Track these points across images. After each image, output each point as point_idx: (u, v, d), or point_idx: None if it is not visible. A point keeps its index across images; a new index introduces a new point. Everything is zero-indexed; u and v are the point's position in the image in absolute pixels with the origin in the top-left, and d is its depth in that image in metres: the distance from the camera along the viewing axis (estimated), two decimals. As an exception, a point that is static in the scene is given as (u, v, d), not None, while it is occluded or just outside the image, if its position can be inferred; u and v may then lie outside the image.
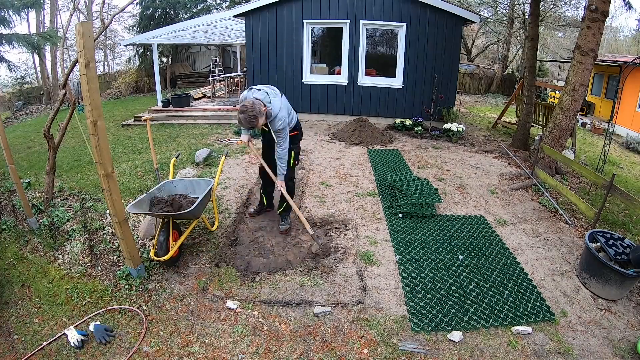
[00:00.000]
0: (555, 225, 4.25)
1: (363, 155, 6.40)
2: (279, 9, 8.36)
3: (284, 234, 3.88)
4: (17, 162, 4.69)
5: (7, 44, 10.65)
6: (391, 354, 2.45)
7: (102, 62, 27.56)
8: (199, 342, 2.55)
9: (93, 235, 3.72)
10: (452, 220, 4.22)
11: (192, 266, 3.33)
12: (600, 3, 5.03)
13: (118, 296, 2.97)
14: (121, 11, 6.24)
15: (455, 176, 5.57)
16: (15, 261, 3.52)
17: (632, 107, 11.25)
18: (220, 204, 4.47)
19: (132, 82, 18.50)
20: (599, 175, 4.16)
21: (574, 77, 5.37)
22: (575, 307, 2.97)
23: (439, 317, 2.76)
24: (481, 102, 15.69)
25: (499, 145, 7.47)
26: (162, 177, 4.54)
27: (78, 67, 2.63)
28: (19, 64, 15.76)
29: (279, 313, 2.80)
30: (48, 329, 2.68)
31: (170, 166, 3.89)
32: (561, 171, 6.16)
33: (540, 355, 2.49)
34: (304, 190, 4.90)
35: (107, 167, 2.72)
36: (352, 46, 8.43)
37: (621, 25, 29.81)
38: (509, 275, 3.28)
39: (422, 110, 8.45)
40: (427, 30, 8.09)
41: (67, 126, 4.33)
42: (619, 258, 3.09)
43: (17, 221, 4.15)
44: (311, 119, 9.10)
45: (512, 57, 22.06)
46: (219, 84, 13.99)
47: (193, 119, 9.59)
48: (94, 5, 21.43)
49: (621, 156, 8.93)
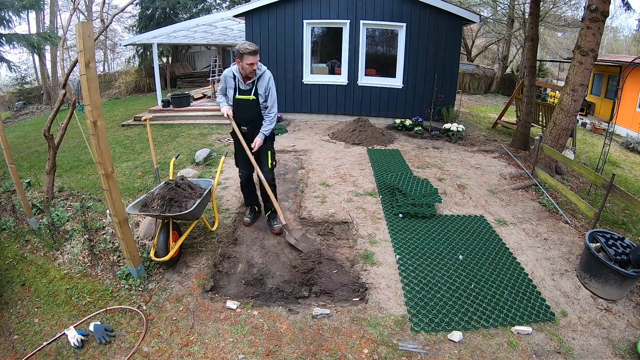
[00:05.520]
0: (555, 225, 4.25)
1: (363, 155, 6.40)
2: (279, 9, 8.36)
3: (279, 233, 3.83)
4: (17, 162, 4.69)
5: (7, 44, 10.66)
6: (391, 354, 2.45)
7: (102, 62, 27.58)
8: (199, 342, 2.55)
9: (93, 235, 3.73)
10: (452, 220, 4.22)
11: (192, 266, 3.33)
12: (600, 3, 5.03)
13: (118, 296, 2.97)
14: (121, 11, 6.24)
15: (455, 176, 5.57)
16: (15, 261, 3.52)
17: (632, 107, 11.25)
18: (220, 204, 4.47)
19: (132, 82, 18.51)
20: (599, 175, 4.16)
21: (574, 77, 5.36)
22: (575, 307, 2.97)
23: (439, 317, 2.76)
24: (481, 102, 15.69)
25: (499, 145, 7.47)
26: (162, 177, 4.54)
27: (78, 67, 2.63)
28: (19, 64, 15.75)
29: (279, 313, 2.80)
30: (48, 329, 2.68)
31: (170, 166, 3.89)
32: (561, 171, 6.16)
33: (540, 355, 2.49)
34: (304, 190, 4.90)
35: (107, 167, 2.72)
36: (352, 46, 8.43)
37: (621, 25, 29.80)
38: (509, 275, 3.28)
39: (422, 110, 8.45)
40: (427, 30, 8.08)
41: (67, 126, 4.33)
42: (619, 258, 3.09)
43: (17, 221, 4.15)
44: (311, 119, 9.10)
45: (512, 57, 22.06)
46: (218, 84, 13.99)
47: (193, 119, 9.59)
48: (94, 5, 21.44)
49: (621, 156, 8.93)
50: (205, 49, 21.34)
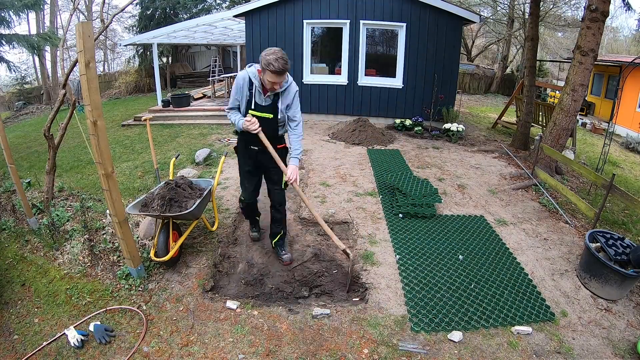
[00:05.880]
0: (555, 225, 4.25)
1: (363, 155, 6.40)
2: (279, 9, 8.36)
3: (289, 264, 3.36)
4: (17, 162, 4.68)
5: (7, 44, 10.67)
6: (391, 354, 2.45)
7: (102, 62, 27.58)
8: (199, 342, 2.55)
9: (93, 235, 3.72)
10: (452, 220, 4.22)
11: (192, 266, 3.33)
12: (600, 3, 5.03)
13: (118, 296, 2.97)
14: (121, 11, 6.24)
15: (455, 176, 5.57)
16: (15, 261, 3.51)
17: (632, 107, 11.25)
18: (220, 204, 4.47)
19: (132, 82, 18.52)
20: (599, 175, 4.16)
21: (574, 77, 5.36)
22: (575, 307, 2.97)
23: (439, 317, 2.76)
24: (481, 102, 15.69)
25: (499, 145, 7.47)
26: (162, 177, 4.54)
27: (78, 67, 2.63)
28: (19, 64, 15.76)
29: (279, 313, 2.80)
30: (48, 329, 2.68)
31: (170, 166, 3.89)
32: (561, 171, 6.16)
33: (540, 355, 2.49)
34: (304, 190, 4.90)
35: (107, 167, 2.72)
36: (352, 46, 8.43)
37: (621, 25, 29.81)
38: (509, 275, 3.28)
39: (422, 110, 8.45)
40: (427, 30, 8.09)
41: (67, 126, 4.33)
42: (619, 258, 3.09)
43: (17, 221, 4.15)
44: (311, 119, 9.10)
45: (512, 57, 22.07)
46: (218, 84, 14.00)
47: (193, 119, 9.59)
48: (94, 5, 21.44)
49: (621, 156, 8.93)
50: (205, 49, 21.35)
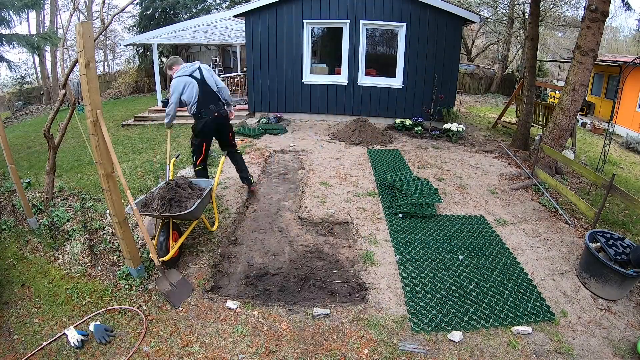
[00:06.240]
0: (555, 225, 4.25)
1: (363, 155, 6.40)
2: (279, 9, 8.36)
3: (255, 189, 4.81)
4: (17, 162, 4.69)
5: (7, 44, 10.67)
6: (391, 354, 2.45)
7: (102, 62, 27.59)
8: (199, 342, 2.55)
9: (93, 235, 3.72)
10: (452, 220, 4.22)
11: (192, 266, 3.33)
12: (600, 3, 5.03)
13: (118, 296, 2.97)
14: (121, 11, 6.24)
15: (455, 176, 5.57)
16: (15, 261, 3.51)
17: (632, 107, 11.24)
18: (220, 204, 4.47)
19: (132, 82, 18.51)
20: (599, 175, 4.16)
21: (574, 77, 5.36)
22: (575, 307, 2.97)
23: (439, 317, 2.76)
24: (481, 102, 15.69)
25: (499, 145, 7.47)
26: (162, 177, 4.54)
27: (78, 67, 2.63)
28: (19, 64, 15.75)
29: (279, 313, 2.80)
30: (48, 329, 2.68)
31: (170, 166, 3.89)
32: (561, 171, 6.16)
33: (540, 355, 2.49)
34: (303, 190, 4.90)
35: (107, 167, 2.72)
36: (352, 46, 8.43)
37: (621, 25, 29.80)
38: (509, 275, 3.28)
39: (422, 110, 8.45)
40: (427, 30, 8.08)
41: (67, 126, 4.33)
42: (619, 258, 3.09)
43: (17, 221, 4.15)
44: (311, 119, 9.10)
45: (512, 57, 22.06)
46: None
47: (193, 119, 9.57)
48: (94, 5, 21.45)
49: (621, 156, 8.93)
50: (205, 49, 21.31)
